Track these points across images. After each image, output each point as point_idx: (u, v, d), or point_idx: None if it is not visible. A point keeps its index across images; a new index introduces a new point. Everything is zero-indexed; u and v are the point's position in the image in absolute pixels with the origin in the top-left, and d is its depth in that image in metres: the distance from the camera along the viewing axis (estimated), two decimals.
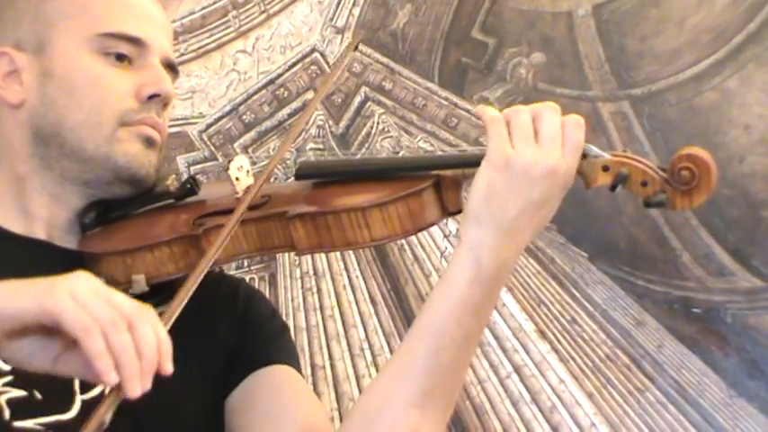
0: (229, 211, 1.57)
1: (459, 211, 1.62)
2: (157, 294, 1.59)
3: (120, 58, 1.68)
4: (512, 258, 1.56)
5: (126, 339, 1.26)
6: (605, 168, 1.57)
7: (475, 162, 1.56)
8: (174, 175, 1.72)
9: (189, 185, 1.70)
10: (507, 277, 1.61)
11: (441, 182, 1.61)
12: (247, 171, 1.67)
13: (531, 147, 1.53)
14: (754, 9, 2.66)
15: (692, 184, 1.55)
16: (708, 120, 2.68)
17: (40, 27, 1.69)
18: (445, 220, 1.68)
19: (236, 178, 1.66)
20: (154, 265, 1.60)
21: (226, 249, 1.55)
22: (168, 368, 1.29)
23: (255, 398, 1.69)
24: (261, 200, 1.62)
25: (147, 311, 1.31)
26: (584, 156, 1.57)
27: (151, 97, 1.68)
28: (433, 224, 1.62)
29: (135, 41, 1.68)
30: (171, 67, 1.74)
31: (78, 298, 1.27)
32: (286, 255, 2.81)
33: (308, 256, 2.81)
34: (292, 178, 1.71)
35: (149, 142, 1.69)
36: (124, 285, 1.59)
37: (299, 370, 1.76)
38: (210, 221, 1.62)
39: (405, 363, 1.57)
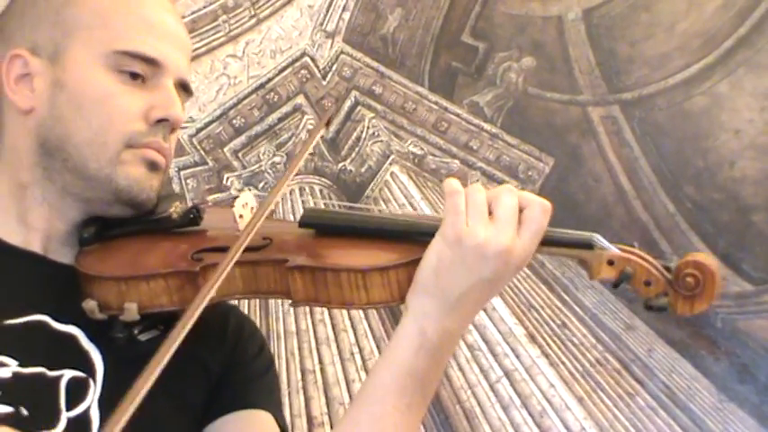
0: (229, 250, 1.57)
1: None
2: (148, 322, 1.59)
3: (134, 76, 1.66)
4: (457, 330, 1.58)
5: None
6: (610, 263, 1.57)
7: None
8: (177, 203, 1.71)
9: (192, 215, 1.70)
10: (454, 347, 1.62)
11: None
12: (251, 208, 1.67)
13: (485, 226, 1.53)
14: (743, 13, 2.66)
15: (696, 291, 1.55)
16: (698, 124, 2.69)
17: (58, 34, 1.67)
18: None
19: (240, 216, 1.65)
20: (147, 295, 1.58)
21: (220, 289, 1.54)
22: None
23: None
24: (262, 242, 1.61)
25: None
26: (591, 246, 1.57)
27: (159, 121, 1.67)
28: None
29: (151, 62, 1.67)
30: (184, 88, 1.73)
31: None
32: None
33: None
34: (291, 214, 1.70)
35: (153, 166, 1.67)
36: (115, 311, 1.58)
37: (276, 410, 1.76)
38: (209, 258, 1.60)
39: (348, 430, 1.59)
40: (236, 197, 1.67)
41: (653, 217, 2.70)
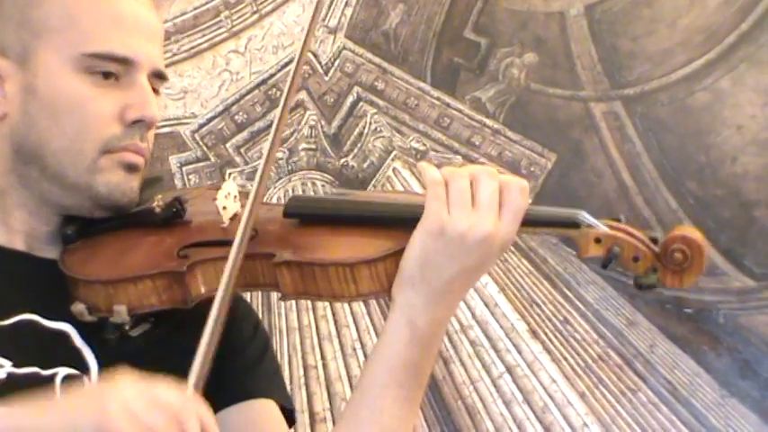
0: (215, 243, 1.56)
1: None
2: (138, 323, 1.59)
3: (107, 75, 1.63)
4: (446, 316, 1.58)
5: None
6: (597, 240, 1.56)
7: None
8: (159, 195, 1.68)
9: (175, 209, 1.66)
10: (444, 332, 1.62)
11: None
12: (234, 197, 1.64)
13: (467, 213, 1.52)
14: (746, 9, 2.66)
15: (684, 266, 1.54)
16: (700, 120, 2.69)
17: (25, 35, 1.64)
18: None
19: (224, 207, 1.63)
20: (136, 296, 1.57)
21: (210, 284, 1.54)
22: None
23: None
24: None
25: (192, 403, 1.33)
26: (577, 225, 1.56)
27: (136, 121, 1.64)
28: None
29: (122, 60, 1.63)
30: (159, 76, 1.71)
31: (131, 412, 1.29)
32: None
33: None
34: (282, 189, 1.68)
35: (131, 168, 1.64)
36: (105, 314, 1.57)
37: (278, 393, 1.74)
38: (195, 254, 1.58)
39: (350, 427, 1.60)
40: (218, 188, 1.65)
41: (655, 213, 2.70)
